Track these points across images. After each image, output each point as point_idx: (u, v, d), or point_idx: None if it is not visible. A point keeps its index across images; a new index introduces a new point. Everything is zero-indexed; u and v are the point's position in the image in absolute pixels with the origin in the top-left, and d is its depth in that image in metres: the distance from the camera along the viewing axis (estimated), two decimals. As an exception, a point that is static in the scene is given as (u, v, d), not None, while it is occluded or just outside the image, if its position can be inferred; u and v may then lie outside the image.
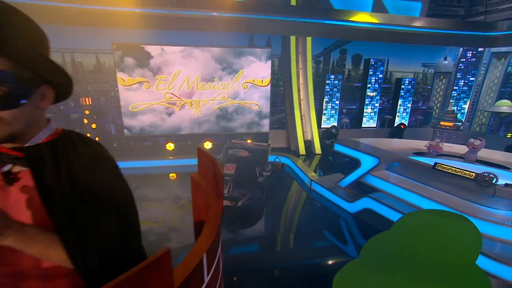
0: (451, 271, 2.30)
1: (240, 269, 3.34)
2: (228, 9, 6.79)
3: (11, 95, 0.68)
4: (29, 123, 0.76)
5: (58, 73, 0.78)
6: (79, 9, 6.42)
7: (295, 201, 5.55)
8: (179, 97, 7.08)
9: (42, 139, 0.80)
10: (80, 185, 0.77)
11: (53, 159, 0.77)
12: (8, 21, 0.71)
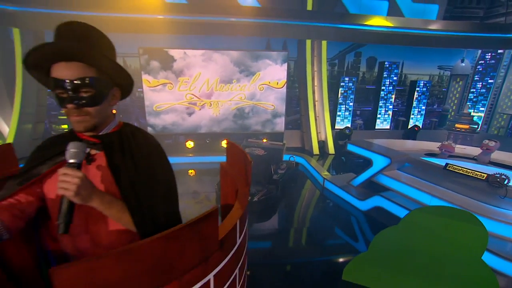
0: (457, 265, 2.38)
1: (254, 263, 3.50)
2: (247, 14, 6.97)
3: (96, 96, 0.88)
4: (104, 116, 0.96)
5: (125, 77, 0.98)
6: (109, 17, 6.81)
7: (308, 198, 5.65)
8: (199, 98, 7.35)
9: (110, 129, 1.00)
10: (139, 165, 0.96)
11: (119, 145, 0.97)
12: (92, 38, 0.92)
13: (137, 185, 0.93)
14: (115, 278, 0.51)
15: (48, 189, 0.94)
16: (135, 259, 0.53)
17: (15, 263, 0.98)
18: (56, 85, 0.85)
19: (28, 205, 0.92)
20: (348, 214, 4.76)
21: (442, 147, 4.57)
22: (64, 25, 0.89)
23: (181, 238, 0.60)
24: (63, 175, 0.77)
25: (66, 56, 0.84)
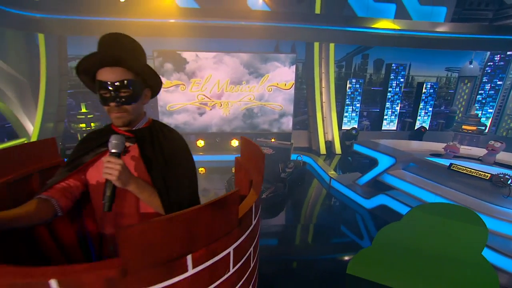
0: (457, 260, 2.44)
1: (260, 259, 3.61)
2: (257, 18, 7.10)
3: (133, 95, 1.02)
4: (138, 114, 1.10)
5: (155, 79, 1.11)
6: (126, 22, 7.05)
7: (315, 196, 5.73)
8: (210, 98, 7.52)
9: (142, 125, 1.14)
10: (167, 156, 1.09)
11: (150, 138, 1.10)
12: (130, 46, 1.05)
13: (166, 174, 1.05)
14: (160, 239, 0.64)
15: (90, 176, 1.08)
16: (174, 226, 0.66)
17: (61, 236, 1.12)
18: (101, 86, 0.99)
19: (75, 189, 1.06)
20: (353, 212, 4.82)
21: (447, 148, 4.59)
22: (106, 36, 1.03)
23: (209, 212, 0.72)
24: (107, 163, 0.90)
25: (110, 62, 0.98)
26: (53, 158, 1.38)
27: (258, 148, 1.16)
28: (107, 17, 7.08)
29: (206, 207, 0.70)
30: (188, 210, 0.68)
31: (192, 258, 0.72)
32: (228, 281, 0.87)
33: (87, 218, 1.20)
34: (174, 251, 0.67)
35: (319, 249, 3.87)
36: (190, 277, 0.73)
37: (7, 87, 6.81)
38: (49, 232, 1.10)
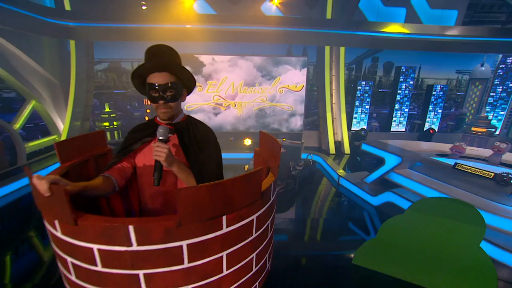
0: (456, 251, 2.55)
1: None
2: (271, 23, 7.29)
3: (175, 95, 1.23)
4: (178, 110, 1.31)
5: (191, 82, 1.32)
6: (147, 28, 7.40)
7: (324, 193, 5.85)
8: (225, 99, 7.77)
9: (180, 119, 1.35)
10: (199, 144, 1.30)
11: (186, 130, 1.31)
12: (171, 54, 1.26)
13: (199, 158, 1.27)
14: (205, 201, 0.85)
15: (139, 160, 1.31)
16: (216, 191, 0.86)
17: (113, 208, 1.36)
18: (150, 88, 1.21)
19: (127, 170, 1.28)
20: (360, 208, 4.93)
21: (453, 148, 4.62)
22: (153, 47, 1.25)
23: (240, 183, 0.92)
24: (157, 147, 1.12)
25: (159, 69, 1.19)
26: (103, 147, 1.62)
27: (275, 140, 1.36)
28: (130, 24, 7.45)
29: (239, 179, 0.90)
30: (226, 180, 0.88)
31: (226, 219, 0.92)
32: (251, 243, 1.07)
33: (131, 194, 1.42)
34: (215, 212, 0.88)
35: (326, 242, 4.01)
36: (223, 234, 0.94)
37: (43, 89, 7.29)
38: (107, 204, 1.33)
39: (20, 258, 3.46)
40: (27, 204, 5.12)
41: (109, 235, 0.83)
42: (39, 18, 6.35)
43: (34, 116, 7.97)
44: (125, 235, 0.82)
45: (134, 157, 1.32)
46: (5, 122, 6.23)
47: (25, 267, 3.30)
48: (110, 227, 0.81)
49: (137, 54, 9.28)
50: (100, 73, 9.95)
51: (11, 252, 2.52)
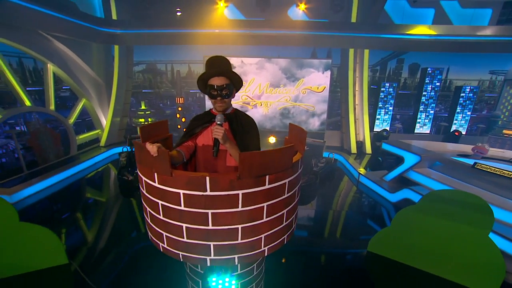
0: (466, 241, 2.76)
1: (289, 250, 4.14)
2: (297, 27, 7.63)
3: (229, 93, 1.65)
4: (229, 104, 1.73)
5: (239, 82, 1.73)
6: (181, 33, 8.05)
7: (343, 189, 6.09)
8: (252, 99, 8.24)
9: (229, 111, 1.77)
10: (244, 128, 1.71)
11: (234, 118, 1.73)
12: (226, 63, 1.68)
13: (243, 139, 1.68)
14: (256, 163, 1.25)
15: (199, 140, 1.75)
16: (263, 156, 1.27)
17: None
18: (211, 88, 1.63)
19: (191, 147, 1.73)
20: (378, 204, 5.13)
21: (475, 149, 4.67)
22: (213, 58, 1.67)
23: (279, 154, 1.32)
24: (216, 129, 1.54)
25: (217, 74, 1.62)
26: (165, 133, 2.08)
27: (301, 129, 1.74)
28: (166, 29, 8.14)
29: (278, 150, 1.29)
30: (270, 150, 1.28)
31: (268, 178, 1.32)
32: (283, 201, 1.46)
33: (189, 166, 1.86)
34: (261, 171, 1.28)
35: (343, 232, 4.29)
36: (265, 189, 1.34)
37: (91, 88, 8.19)
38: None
39: (72, 233, 4.16)
40: (77, 189, 5.91)
41: (192, 183, 1.26)
42: (92, 27, 7.21)
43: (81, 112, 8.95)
44: (202, 184, 1.25)
45: (196, 138, 1.76)
46: (63, 117, 7.15)
47: (76, 239, 3.99)
48: (194, 177, 1.24)
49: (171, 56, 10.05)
50: (137, 74, 10.81)
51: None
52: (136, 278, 3.19)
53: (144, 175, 1.44)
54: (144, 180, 1.46)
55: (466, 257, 2.86)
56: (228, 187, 1.26)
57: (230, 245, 1.40)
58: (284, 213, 1.51)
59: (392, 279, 3.17)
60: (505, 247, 3.44)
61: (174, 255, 1.50)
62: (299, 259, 3.60)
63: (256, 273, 2.02)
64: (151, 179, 1.39)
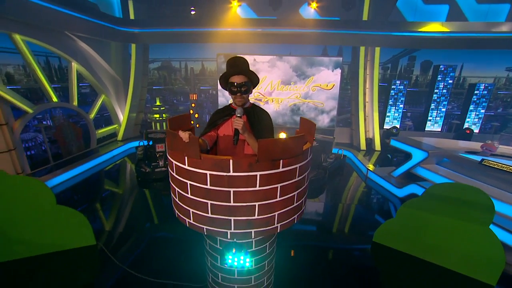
0: (467, 232, 2.90)
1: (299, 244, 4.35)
2: (308, 26, 7.76)
3: (247, 90, 1.88)
4: (247, 99, 1.96)
5: (256, 80, 1.95)
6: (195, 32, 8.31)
7: (351, 184, 6.23)
8: (264, 95, 8.44)
9: (247, 105, 1.99)
10: (260, 120, 1.93)
11: (252, 112, 1.95)
12: (244, 62, 1.90)
13: (260, 130, 1.90)
14: (272, 148, 1.48)
15: (221, 131, 1.98)
16: (279, 143, 1.49)
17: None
18: (232, 85, 1.86)
19: (214, 137, 1.97)
20: (385, 199, 5.27)
21: (484, 146, 4.73)
22: (233, 58, 1.89)
23: (292, 141, 1.53)
24: (236, 120, 1.76)
25: (238, 73, 1.84)
26: (188, 125, 2.32)
27: (311, 122, 1.94)
28: (180, 28, 8.42)
29: (292, 138, 1.51)
30: (285, 138, 1.50)
31: (282, 162, 1.54)
32: (294, 183, 1.68)
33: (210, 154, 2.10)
34: (276, 156, 1.50)
35: (350, 226, 4.47)
36: (279, 172, 1.56)
37: (110, 85, 8.60)
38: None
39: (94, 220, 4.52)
40: (97, 180, 6.30)
41: (218, 165, 1.49)
42: (112, 27, 7.57)
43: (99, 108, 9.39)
44: (226, 166, 1.48)
45: (218, 129, 2.00)
46: (85, 112, 7.57)
47: (99, 225, 4.34)
48: (220, 160, 1.47)
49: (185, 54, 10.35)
50: (153, 71, 11.17)
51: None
52: (157, 257, 3.49)
53: (175, 159, 1.69)
54: (174, 164, 1.71)
55: (467, 247, 3.00)
56: (248, 169, 1.49)
57: (248, 220, 1.63)
58: (295, 195, 1.73)
59: (396, 268, 3.34)
60: (509, 241, 3.54)
61: (199, 229, 1.75)
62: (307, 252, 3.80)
63: (269, 252, 2.25)
64: (181, 162, 1.63)
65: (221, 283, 2.29)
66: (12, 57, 8.01)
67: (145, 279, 3.04)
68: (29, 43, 5.71)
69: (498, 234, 3.54)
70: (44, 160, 6.66)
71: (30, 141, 7.12)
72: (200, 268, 3.23)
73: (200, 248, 2.47)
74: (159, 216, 4.67)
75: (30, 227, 3.27)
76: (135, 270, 3.18)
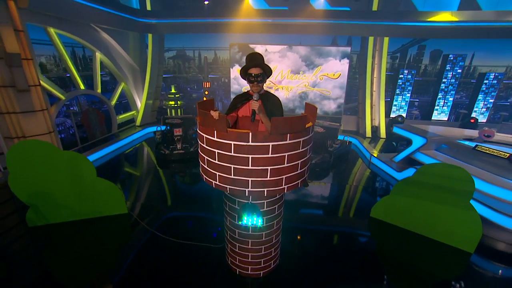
0: (451, 205, 3.32)
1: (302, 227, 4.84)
2: (319, 16, 7.98)
3: (262, 80, 2.33)
4: (261, 87, 2.41)
5: (270, 71, 2.39)
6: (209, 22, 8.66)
7: (355, 168, 6.64)
8: (274, 83, 8.83)
9: (262, 92, 2.45)
10: (272, 103, 2.38)
11: (265, 97, 2.41)
12: (259, 56, 2.35)
13: (272, 111, 2.35)
14: (282, 124, 1.95)
15: (240, 112, 2.45)
16: (287, 121, 1.95)
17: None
18: (250, 76, 2.31)
19: (234, 117, 2.44)
20: (386, 181, 5.67)
21: (482, 132, 5.03)
22: (252, 53, 2.33)
23: (297, 119, 1.99)
24: (254, 102, 2.22)
25: (255, 66, 2.29)
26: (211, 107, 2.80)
27: (313, 106, 2.38)
28: (195, 19, 8.79)
29: (297, 117, 1.97)
30: (291, 116, 1.96)
31: (289, 136, 2.00)
32: (299, 153, 2.14)
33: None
34: (285, 130, 1.97)
35: (350, 203, 4.93)
36: (287, 143, 2.02)
37: (128, 73, 9.14)
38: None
39: None
40: (116, 163, 6.92)
41: (240, 137, 1.97)
42: (131, 18, 8.03)
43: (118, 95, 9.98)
44: (246, 137, 1.95)
45: (238, 110, 2.47)
46: (107, 99, 8.17)
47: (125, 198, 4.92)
48: (241, 133, 1.95)
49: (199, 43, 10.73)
50: (168, 60, 11.64)
51: None
52: (179, 223, 4.08)
53: (205, 133, 2.17)
54: (204, 137, 2.20)
55: (450, 220, 3.42)
56: (263, 140, 1.96)
57: (262, 181, 2.12)
58: (299, 163, 2.20)
59: (390, 240, 3.80)
60: (493, 217, 3.94)
61: (223, 188, 2.25)
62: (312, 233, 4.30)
63: (277, 213, 2.76)
64: (211, 135, 2.12)
65: (237, 238, 2.83)
66: (44, 48, 8.64)
67: (171, 240, 3.62)
68: (60, 36, 6.26)
69: (485, 212, 3.96)
70: (73, 143, 7.33)
71: (60, 125, 7.80)
72: (218, 232, 3.81)
73: (219, 215, 3.00)
74: (178, 191, 5.26)
75: (74, 195, 3.87)
76: (161, 233, 3.77)
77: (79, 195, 3.90)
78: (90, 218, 4.05)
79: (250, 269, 2.98)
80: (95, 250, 3.49)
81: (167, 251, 3.45)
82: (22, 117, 4.69)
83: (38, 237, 3.68)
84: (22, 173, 3.50)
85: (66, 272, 3.16)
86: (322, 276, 3.10)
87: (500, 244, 3.71)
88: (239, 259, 2.95)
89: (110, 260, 3.37)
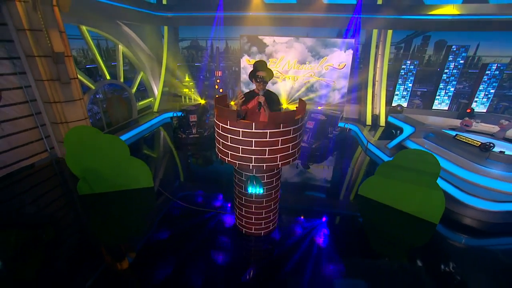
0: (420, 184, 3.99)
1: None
2: (325, 10, 8.43)
3: (266, 81, 3.07)
4: (265, 87, 3.15)
5: (272, 75, 3.12)
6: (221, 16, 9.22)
7: (352, 153, 7.32)
8: (282, 73, 9.46)
9: (265, 90, 3.19)
10: (273, 99, 3.13)
11: (268, 94, 3.16)
12: (264, 64, 3.08)
13: (272, 105, 3.10)
14: (277, 116, 2.72)
15: (249, 105, 3.21)
16: (282, 114, 2.72)
17: (237, 127, 3.33)
18: (257, 77, 3.05)
19: (245, 110, 3.20)
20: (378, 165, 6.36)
21: (463, 122, 5.60)
22: (259, 61, 3.06)
23: (290, 113, 2.74)
24: (260, 97, 2.97)
25: (262, 69, 3.02)
26: (225, 102, 3.56)
27: (303, 101, 3.12)
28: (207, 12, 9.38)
29: (289, 111, 2.72)
30: (284, 111, 2.71)
31: (282, 126, 2.77)
32: (290, 138, 2.90)
33: (241, 123, 3.37)
34: (279, 121, 2.73)
35: (344, 182, 5.68)
36: (280, 131, 2.79)
37: (146, 62, 9.92)
38: (233, 124, 3.30)
39: None
40: (142, 143, 7.84)
41: (246, 126, 2.74)
42: (148, 12, 8.72)
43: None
44: (250, 126, 2.72)
45: (247, 104, 3.23)
46: (127, 86, 9.02)
47: None
48: (247, 123, 2.72)
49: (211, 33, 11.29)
50: (182, 50, 12.29)
51: None
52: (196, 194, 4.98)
53: (221, 122, 2.96)
54: (220, 125, 2.98)
55: (420, 197, 4.13)
56: (263, 128, 2.73)
57: (262, 158, 2.91)
58: (290, 146, 2.97)
59: (373, 213, 4.55)
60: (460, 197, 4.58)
61: (233, 164, 3.06)
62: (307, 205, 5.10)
63: (274, 184, 3.56)
64: (225, 124, 2.90)
65: (244, 203, 3.66)
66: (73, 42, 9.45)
67: (190, 208, 4.51)
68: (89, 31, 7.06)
69: (455, 193, 4.62)
70: (100, 128, 8.27)
71: (89, 111, 8.74)
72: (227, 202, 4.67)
73: (228, 190, 3.83)
74: (193, 170, 6.15)
75: (112, 170, 4.78)
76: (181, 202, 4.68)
77: (116, 170, 4.81)
78: (125, 190, 4.98)
79: (253, 229, 3.84)
80: (127, 215, 4.43)
81: (186, 217, 4.35)
82: (65, 106, 5.60)
83: (84, 204, 4.66)
84: (75, 152, 4.42)
85: (105, 232, 4.13)
86: (311, 235, 3.93)
87: (466, 219, 4.40)
88: (245, 220, 3.81)
89: (141, 222, 4.31)
